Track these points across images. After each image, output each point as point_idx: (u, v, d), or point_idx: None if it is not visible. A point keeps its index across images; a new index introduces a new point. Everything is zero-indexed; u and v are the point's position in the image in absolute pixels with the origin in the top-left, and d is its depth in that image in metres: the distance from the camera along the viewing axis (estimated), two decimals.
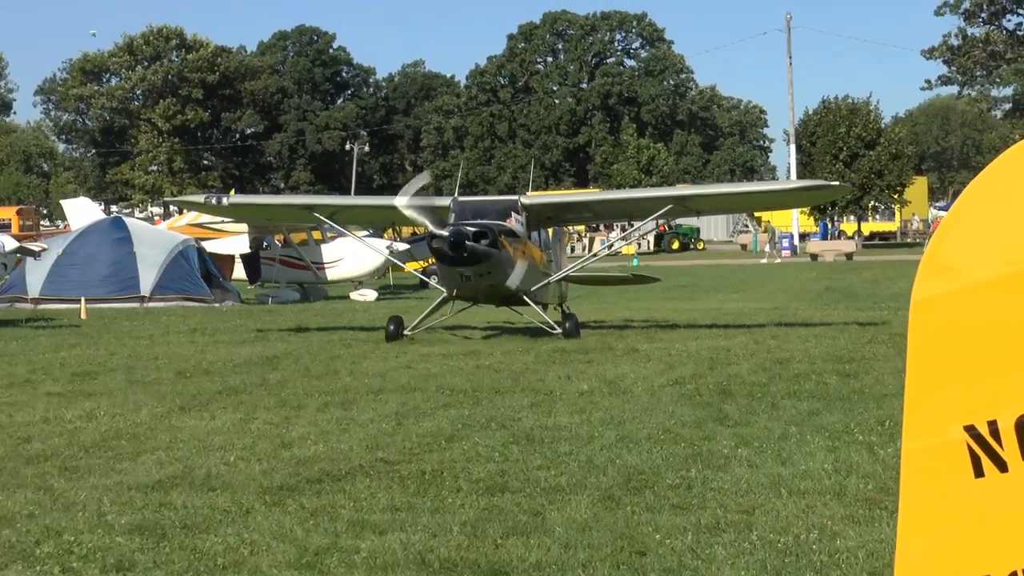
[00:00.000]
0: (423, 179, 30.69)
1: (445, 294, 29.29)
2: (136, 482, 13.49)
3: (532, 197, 31.75)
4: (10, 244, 39.97)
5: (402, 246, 50.44)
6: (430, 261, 45.76)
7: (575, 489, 12.63)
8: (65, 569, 10.12)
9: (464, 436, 16.08)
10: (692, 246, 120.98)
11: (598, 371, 22.90)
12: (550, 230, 32.95)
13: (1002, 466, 4.61)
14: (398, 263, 49.51)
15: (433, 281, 37.94)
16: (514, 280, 28.32)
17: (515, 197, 30.94)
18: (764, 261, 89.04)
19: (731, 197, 41.47)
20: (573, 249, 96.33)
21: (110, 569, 10.09)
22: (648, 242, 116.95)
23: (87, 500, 12.63)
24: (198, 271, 47.27)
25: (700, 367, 23.42)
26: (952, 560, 4.60)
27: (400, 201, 28.49)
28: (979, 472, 4.62)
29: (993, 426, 4.62)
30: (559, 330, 28.29)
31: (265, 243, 49.48)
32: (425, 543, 10.62)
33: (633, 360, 24.90)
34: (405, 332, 28.52)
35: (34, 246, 45.06)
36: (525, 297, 28.90)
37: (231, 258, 51.57)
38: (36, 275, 45.64)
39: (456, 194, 30.63)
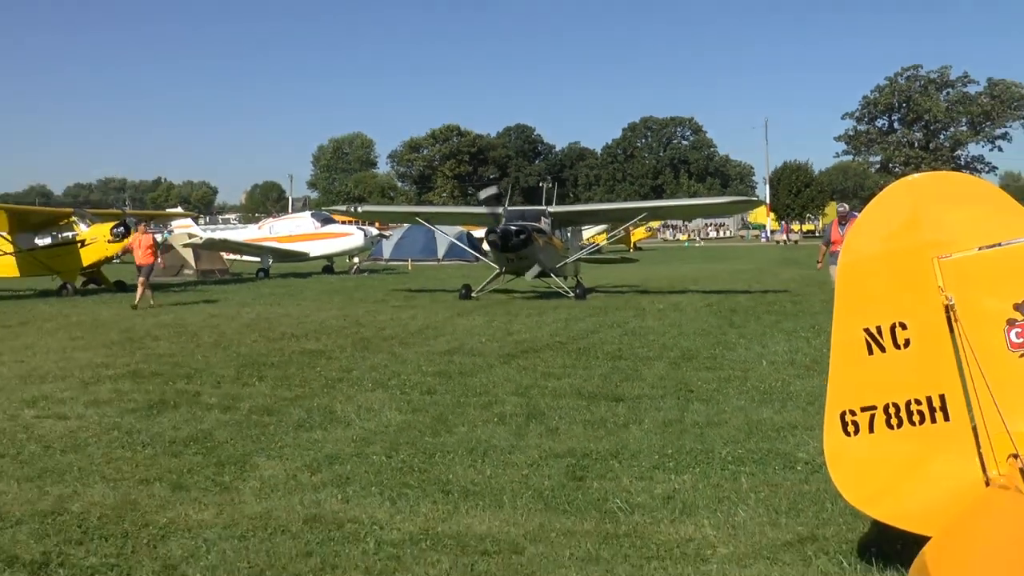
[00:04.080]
0: (491, 189, 26.89)
1: (498, 269, 24.79)
2: (436, 350, 13.72)
3: (556, 208, 26.62)
4: (374, 232, 41.02)
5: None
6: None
7: (656, 359, 12.57)
8: (402, 392, 10.29)
9: (599, 331, 16.05)
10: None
11: (668, 299, 22.62)
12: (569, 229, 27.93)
13: (882, 349, 4.56)
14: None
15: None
16: (543, 261, 24.13)
17: (544, 207, 26.33)
18: (687, 245, 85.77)
19: (683, 207, 36.37)
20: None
21: (424, 393, 10.23)
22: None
23: (412, 358, 12.87)
24: (468, 245, 47.87)
25: (720, 296, 23.04)
26: (857, 396, 4.56)
27: (482, 193, 25.47)
28: (870, 352, 4.57)
29: (878, 328, 4.56)
30: (572, 295, 23.41)
31: None
32: (580, 384, 10.64)
33: (685, 293, 24.60)
34: (473, 294, 23.84)
35: (386, 233, 46.11)
36: (551, 272, 24.56)
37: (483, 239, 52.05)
38: (387, 248, 46.91)
39: (506, 205, 26.06)
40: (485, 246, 24.81)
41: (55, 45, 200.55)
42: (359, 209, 33.33)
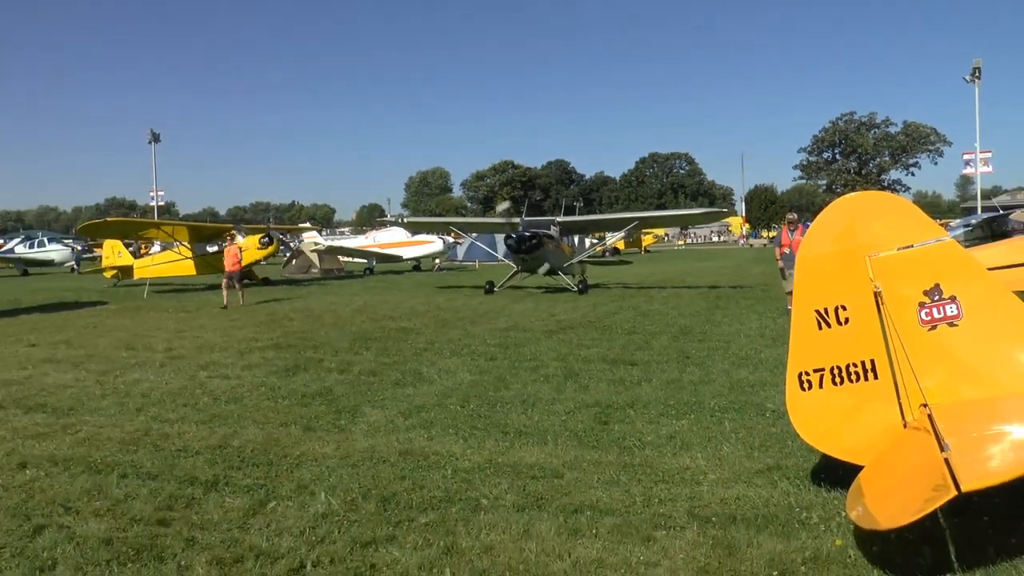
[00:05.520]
0: (504, 204, 25.73)
1: (515, 268, 22.84)
2: (495, 328, 13.66)
3: (563, 218, 24.29)
4: (450, 240, 40.86)
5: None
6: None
7: (661, 333, 12.44)
8: (472, 359, 10.29)
9: (619, 313, 15.89)
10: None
11: (671, 290, 22.38)
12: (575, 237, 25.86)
13: (829, 325, 4.52)
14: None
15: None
16: (551, 261, 22.33)
17: (553, 217, 24.16)
18: (683, 248, 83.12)
19: (667, 217, 32.67)
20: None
21: (488, 359, 10.23)
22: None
23: (478, 333, 12.84)
24: None
25: (707, 287, 22.71)
26: (810, 360, 4.53)
27: (500, 207, 25.00)
28: (820, 328, 4.54)
29: (825, 309, 4.53)
30: (575, 289, 21.33)
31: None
32: (604, 352, 10.58)
33: (683, 284, 24.33)
34: (495, 289, 22.05)
35: (458, 241, 45.83)
36: (559, 271, 22.56)
37: None
38: (460, 251, 46.28)
39: (523, 215, 24.05)
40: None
41: (220, 96, 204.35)
42: (404, 220, 33.23)
